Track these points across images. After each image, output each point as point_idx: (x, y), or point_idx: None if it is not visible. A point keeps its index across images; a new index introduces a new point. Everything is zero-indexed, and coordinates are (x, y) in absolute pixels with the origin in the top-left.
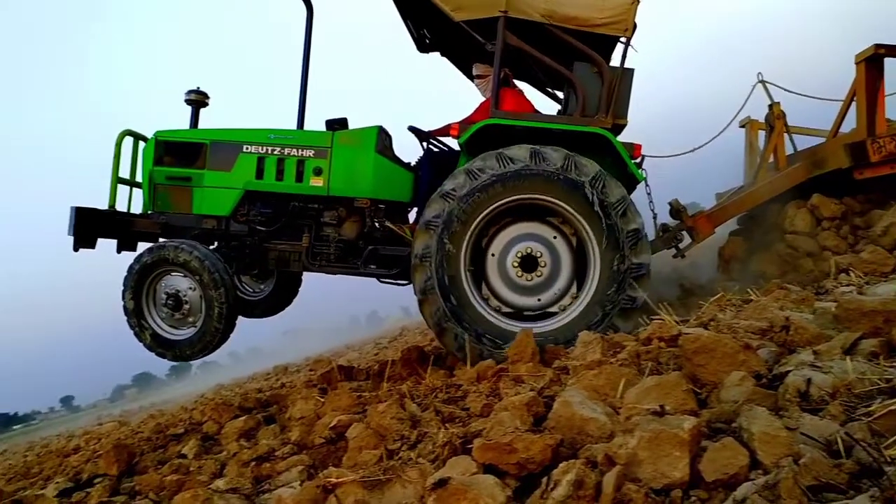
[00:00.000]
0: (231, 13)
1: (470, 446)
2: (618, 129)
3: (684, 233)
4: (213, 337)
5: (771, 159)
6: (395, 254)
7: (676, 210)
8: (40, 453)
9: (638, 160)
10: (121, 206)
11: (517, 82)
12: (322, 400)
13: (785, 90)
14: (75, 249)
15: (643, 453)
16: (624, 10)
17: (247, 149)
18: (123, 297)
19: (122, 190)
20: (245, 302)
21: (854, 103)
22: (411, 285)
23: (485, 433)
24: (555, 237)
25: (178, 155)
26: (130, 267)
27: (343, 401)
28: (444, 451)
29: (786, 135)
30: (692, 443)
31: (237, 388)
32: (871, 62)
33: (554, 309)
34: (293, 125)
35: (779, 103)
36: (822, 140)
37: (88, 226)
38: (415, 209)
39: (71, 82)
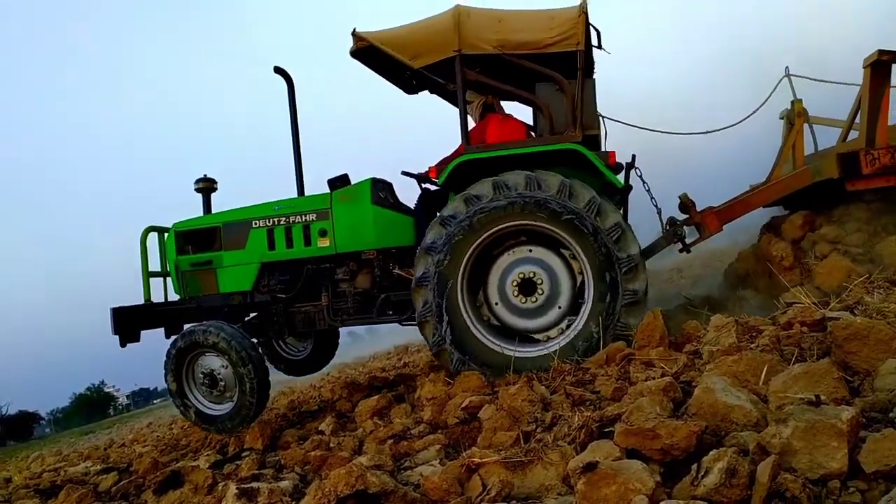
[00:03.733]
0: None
1: (607, 430)
2: (591, 139)
3: (685, 228)
4: (248, 410)
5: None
6: (407, 298)
7: (685, 205)
8: (184, 426)
9: (631, 164)
10: (157, 296)
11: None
12: (450, 381)
13: (814, 80)
14: (122, 345)
15: (798, 443)
16: (572, 26)
17: (256, 224)
18: (166, 380)
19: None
20: (291, 361)
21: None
22: None
23: (625, 418)
24: (530, 251)
25: (196, 242)
26: (168, 352)
27: (472, 382)
28: (580, 434)
29: (808, 131)
30: (850, 433)
31: (360, 368)
32: (876, 68)
33: (544, 335)
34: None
35: (800, 101)
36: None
37: (129, 323)
38: None
39: None
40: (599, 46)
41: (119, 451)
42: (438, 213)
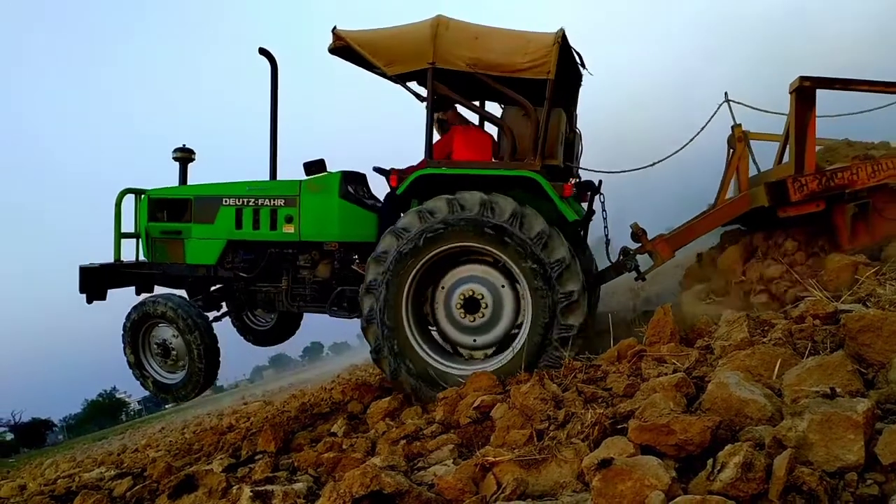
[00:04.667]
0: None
1: (620, 427)
2: (552, 169)
3: (638, 257)
4: (198, 376)
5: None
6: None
7: (636, 234)
8: (196, 431)
9: (597, 190)
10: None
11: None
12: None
13: (751, 108)
14: (88, 302)
15: (814, 436)
16: (545, 54)
17: (226, 202)
18: (125, 353)
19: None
20: (258, 332)
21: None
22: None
23: (638, 414)
24: (483, 270)
25: (168, 210)
26: (123, 325)
27: (483, 381)
28: (593, 431)
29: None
30: (866, 425)
31: (371, 369)
32: (800, 94)
33: (481, 353)
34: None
35: (740, 125)
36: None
37: (95, 281)
38: None
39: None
40: (583, 66)
41: (132, 457)
42: (392, 225)
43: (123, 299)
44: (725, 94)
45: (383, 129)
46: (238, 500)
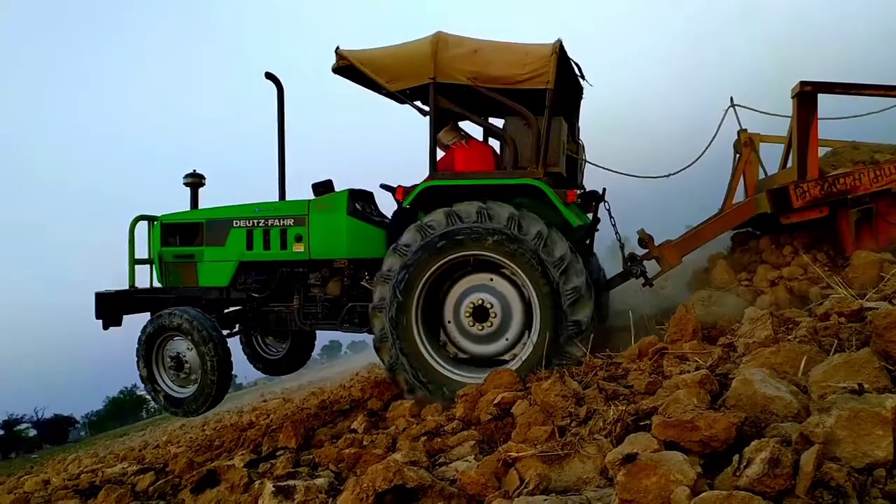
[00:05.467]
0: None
1: (643, 424)
2: (555, 176)
3: (645, 263)
4: (210, 389)
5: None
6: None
7: (643, 240)
8: (217, 427)
9: (601, 197)
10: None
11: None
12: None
13: (759, 112)
14: (105, 328)
15: (842, 432)
16: (543, 64)
17: (236, 224)
18: (138, 367)
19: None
20: (269, 361)
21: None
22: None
23: (662, 410)
24: (491, 279)
25: (180, 235)
26: (139, 339)
27: (504, 378)
28: (615, 427)
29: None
30: (895, 421)
31: None
32: (802, 99)
33: (506, 357)
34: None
35: (746, 130)
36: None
37: (111, 307)
38: None
39: None
40: (583, 77)
41: (154, 452)
42: (394, 243)
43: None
44: (731, 98)
45: (390, 148)
46: (260, 494)
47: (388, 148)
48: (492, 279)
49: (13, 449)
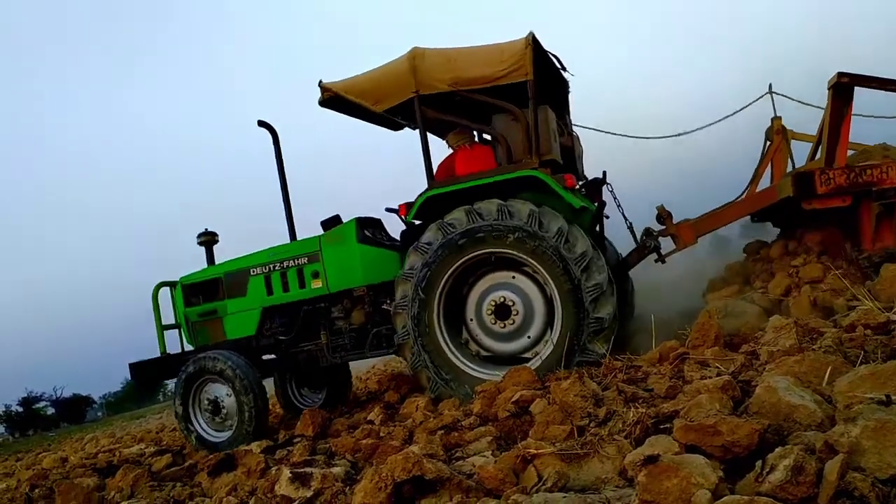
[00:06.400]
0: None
1: (663, 427)
2: (552, 163)
3: (660, 239)
4: (245, 438)
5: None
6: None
7: (661, 216)
8: None
9: (603, 180)
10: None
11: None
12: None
13: (795, 101)
14: (142, 392)
15: (867, 442)
16: (519, 58)
17: (254, 272)
18: (174, 404)
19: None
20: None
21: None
22: None
23: (683, 413)
24: (513, 277)
25: (201, 293)
26: (178, 376)
27: (522, 377)
28: (635, 429)
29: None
30: None
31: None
32: (837, 90)
33: (528, 354)
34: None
35: (780, 118)
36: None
37: (147, 374)
38: None
39: None
40: (563, 69)
41: (171, 435)
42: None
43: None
44: (769, 85)
45: (391, 173)
46: (277, 480)
47: (390, 173)
48: (514, 277)
49: (31, 426)
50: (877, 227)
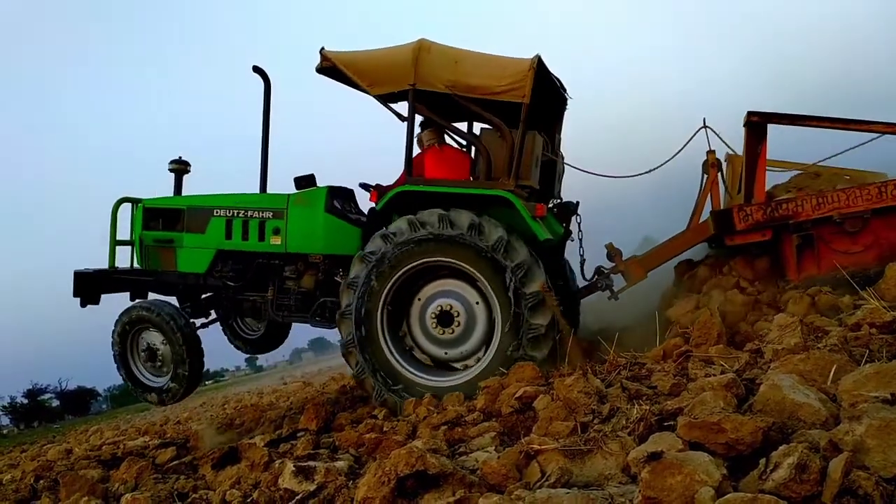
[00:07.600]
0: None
1: (667, 424)
2: (527, 190)
3: (612, 277)
4: (182, 380)
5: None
6: None
7: (611, 254)
8: (237, 407)
9: (574, 210)
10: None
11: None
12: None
13: (724, 142)
14: (82, 306)
15: (871, 441)
16: (521, 78)
17: (217, 213)
18: (112, 348)
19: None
20: (247, 340)
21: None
22: None
23: (687, 411)
24: (457, 285)
25: (162, 220)
26: (113, 329)
27: (526, 373)
28: (638, 426)
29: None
30: None
31: None
32: (751, 129)
33: (461, 364)
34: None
35: (713, 151)
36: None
37: (89, 286)
38: None
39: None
40: (563, 91)
41: (175, 428)
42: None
43: None
44: (703, 119)
45: (377, 146)
46: (281, 473)
47: (376, 144)
48: (457, 285)
49: (36, 418)
50: (799, 257)
